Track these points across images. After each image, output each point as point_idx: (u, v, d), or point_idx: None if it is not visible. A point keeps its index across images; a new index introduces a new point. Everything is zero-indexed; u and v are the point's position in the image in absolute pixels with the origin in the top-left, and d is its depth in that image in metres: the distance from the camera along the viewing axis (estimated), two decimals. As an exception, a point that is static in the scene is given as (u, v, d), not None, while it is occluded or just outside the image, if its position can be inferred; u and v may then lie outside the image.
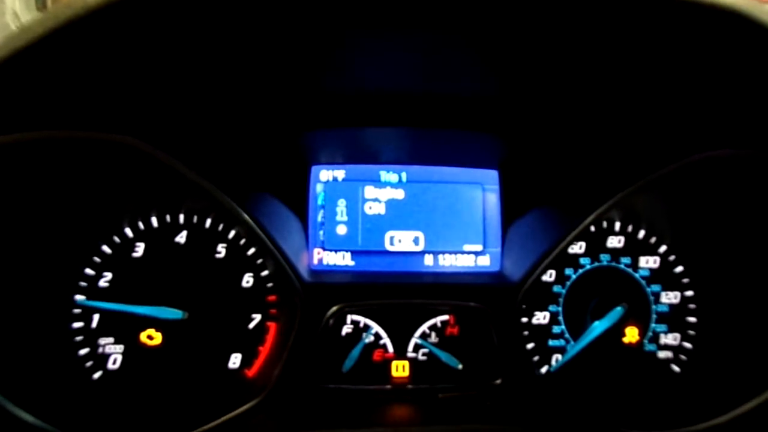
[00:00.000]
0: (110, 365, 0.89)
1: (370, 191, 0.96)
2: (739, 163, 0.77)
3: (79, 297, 0.89)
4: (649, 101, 0.75)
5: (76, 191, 0.85)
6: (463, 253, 0.97)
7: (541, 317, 0.95)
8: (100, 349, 0.89)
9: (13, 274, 0.82)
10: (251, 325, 0.91)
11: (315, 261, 0.96)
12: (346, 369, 0.90)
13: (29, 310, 0.84)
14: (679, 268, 0.96)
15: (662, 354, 0.96)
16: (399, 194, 0.96)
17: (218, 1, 0.53)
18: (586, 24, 0.58)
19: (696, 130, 0.78)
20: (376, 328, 0.91)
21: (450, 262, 0.96)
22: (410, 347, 0.92)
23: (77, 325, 0.89)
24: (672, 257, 0.96)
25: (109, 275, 0.90)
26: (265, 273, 0.92)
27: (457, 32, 0.63)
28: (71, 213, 0.87)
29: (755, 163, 0.77)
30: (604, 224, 0.96)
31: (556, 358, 0.95)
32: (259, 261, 0.92)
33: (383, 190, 0.96)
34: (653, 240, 0.96)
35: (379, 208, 0.96)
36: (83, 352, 0.89)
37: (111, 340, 0.89)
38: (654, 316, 0.96)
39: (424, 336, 0.92)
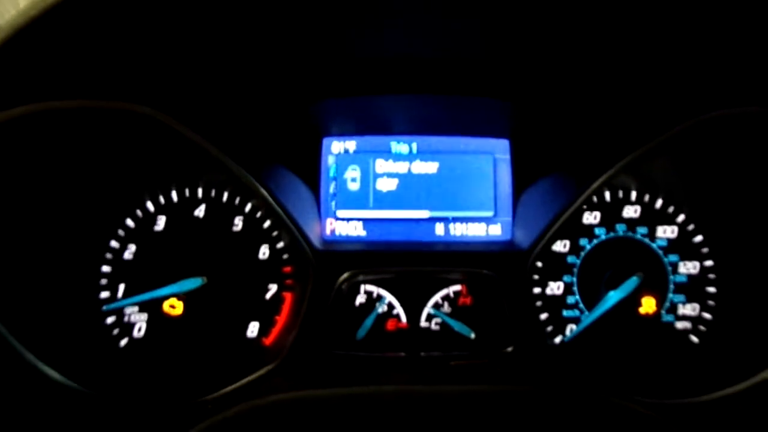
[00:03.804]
0: (136, 333, 0.94)
1: (381, 162, 0.97)
2: (751, 121, 0.75)
3: (105, 268, 0.94)
4: (656, 61, 0.73)
5: (100, 166, 0.90)
6: (474, 222, 0.97)
7: (555, 288, 0.94)
8: (126, 318, 0.94)
9: (43, 247, 0.87)
10: (268, 296, 0.94)
11: (327, 231, 0.97)
12: (360, 337, 0.91)
13: (59, 281, 0.89)
14: (699, 238, 0.94)
15: (680, 324, 0.94)
16: (409, 165, 0.97)
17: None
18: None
19: (705, 89, 0.76)
20: (389, 298, 0.92)
21: (461, 231, 0.97)
22: (423, 317, 0.93)
23: (104, 295, 0.93)
24: (691, 226, 0.94)
25: (133, 247, 0.94)
26: (280, 245, 0.94)
27: None
28: (95, 187, 0.91)
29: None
30: (620, 193, 0.94)
31: (571, 328, 0.94)
32: (275, 233, 0.94)
33: (394, 161, 0.97)
34: (671, 209, 0.95)
35: (390, 179, 0.97)
36: (110, 320, 0.93)
37: (135, 309, 0.94)
38: (671, 287, 0.94)
39: (437, 306, 0.92)
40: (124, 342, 0.94)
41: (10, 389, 0.79)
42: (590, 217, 0.94)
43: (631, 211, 0.95)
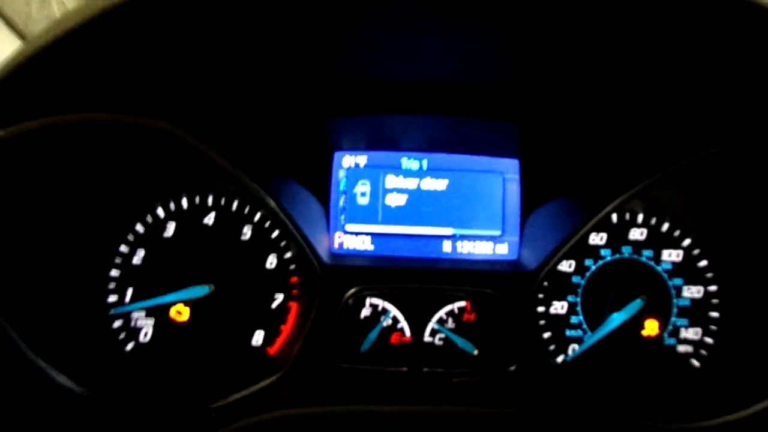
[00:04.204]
0: (142, 338, 0.95)
1: (391, 178, 0.97)
2: (763, 155, 0.75)
3: (113, 272, 0.95)
4: (669, 92, 0.74)
5: (112, 172, 0.90)
6: (481, 240, 0.97)
7: (558, 307, 0.95)
8: (133, 323, 0.95)
9: (53, 250, 0.87)
10: (274, 305, 0.95)
11: (336, 245, 0.98)
12: (364, 350, 0.92)
13: (68, 284, 0.90)
14: (704, 263, 0.95)
15: (682, 348, 0.95)
16: (419, 181, 0.97)
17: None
18: (609, 13, 0.58)
19: (718, 122, 0.76)
20: (394, 311, 0.93)
21: (468, 249, 0.97)
22: (427, 332, 0.93)
23: (112, 298, 0.94)
24: (696, 251, 0.95)
25: (141, 252, 0.95)
26: (288, 255, 0.95)
27: (480, 19, 0.64)
28: (107, 193, 0.92)
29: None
30: (627, 216, 0.95)
31: (573, 348, 0.95)
32: (283, 243, 0.95)
33: (404, 177, 0.97)
34: (677, 233, 0.95)
35: (399, 195, 0.97)
36: (117, 324, 0.94)
37: (142, 314, 0.94)
38: (675, 310, 0.95)
39: (441, 321, 0.93)
40: (130, 346, 0.94)
41: (16, 391, 0.80)
42: (596, 238, 0.95)
43: (637, 234, 0.95)
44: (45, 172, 0.83)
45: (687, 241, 0.95)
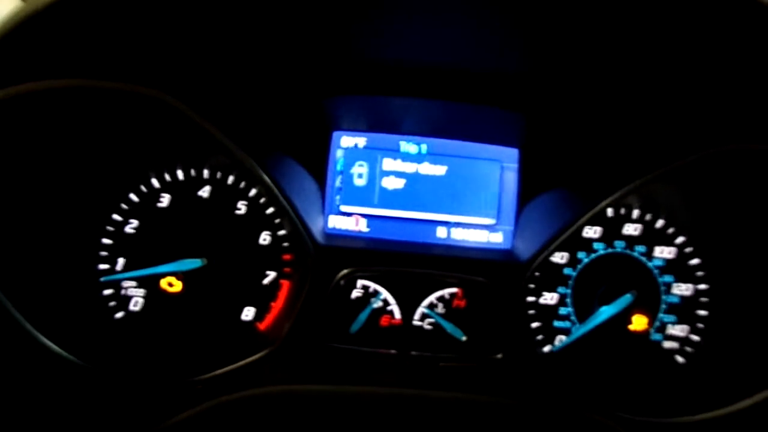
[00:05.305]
0: (132, 307, 0.95)
1: (388, 161, 0.97)
2: (762, 157, 0.75)
3: (106, 240, 0.94)
4: (672, 91, 0.74)
5: (108, 141, 0.90)
6: (476, 228, 0.97)
7: (549, 298, 0.96)
8: (123, 291, 0.95)
9: (46, 216, 0.87)
10: (266, 281, 0.95)
11: (330, 225, 0.98)
12: (353, 331, 0.93)
13: (60, 250, 0.90)
14: (695, 261, 0.95)
15: (667, 344, 0.96)
16: (417, 165, 0.97)
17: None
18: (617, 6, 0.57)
19: (718, 123, 0.76)
20: (384, 294, 0.93)
21: (462, 236, 0.97)
22: (417, 315, 0.93)
23: (103, 266, 0.94)
24: (689, 249, 0.95)
25: (135, 222, 0.95)
26: (282, 232, 0.95)
27: (489, 6, 0.64)
28: (102, 161, 0.91)
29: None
30: (622, 211, 0.95)
31: (560, 339, 0.96)
32: (277, 221, 0.94)
33: (402, 161, 0.97)
34: (671, 230, 0.95)
35: (397, 178, 0.97)
36: (107, 292, 0.94)
37: (134, 283, 0.95)
38: (663, 306, 0.95)
39: (431, 306, 0.93)
40: (120, 315, 0.95)
41: (9, 358, 0.81)
42: (590, 231, 0.95)
43: (631, 229, 0.95)
44: (39, 137, 0.82)
45: (680, 239, 0.95)
